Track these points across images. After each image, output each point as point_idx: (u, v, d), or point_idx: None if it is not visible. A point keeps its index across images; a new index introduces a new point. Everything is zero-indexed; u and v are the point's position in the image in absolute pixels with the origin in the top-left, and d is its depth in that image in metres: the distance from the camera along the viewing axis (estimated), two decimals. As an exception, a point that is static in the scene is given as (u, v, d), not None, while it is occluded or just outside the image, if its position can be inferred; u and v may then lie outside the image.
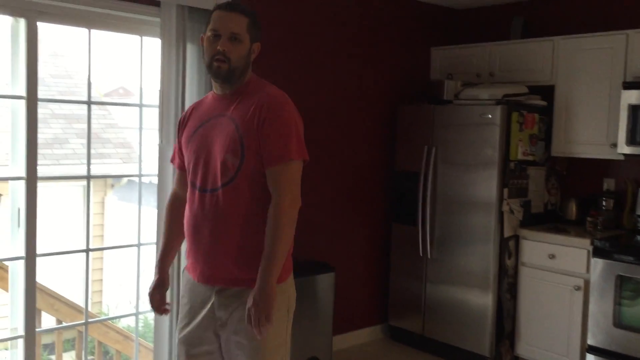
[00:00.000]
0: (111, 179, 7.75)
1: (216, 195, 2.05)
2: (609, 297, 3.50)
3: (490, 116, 3.88)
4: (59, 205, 6.91)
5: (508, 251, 3.95)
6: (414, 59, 4.67)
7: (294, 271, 2.20)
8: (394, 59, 4.54)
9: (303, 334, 3.76)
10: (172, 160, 2.36)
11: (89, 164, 3.37)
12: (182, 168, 2.27)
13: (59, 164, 6.87)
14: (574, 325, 3.70)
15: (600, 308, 3.55)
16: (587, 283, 3.64)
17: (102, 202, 7.53)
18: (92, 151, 3.44)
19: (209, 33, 2.08)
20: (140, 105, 3.50)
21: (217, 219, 2.05)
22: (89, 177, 3.42)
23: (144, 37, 3.41)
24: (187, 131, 2.20)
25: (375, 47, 4.41)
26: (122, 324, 5.82)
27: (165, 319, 3.38)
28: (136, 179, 3.91)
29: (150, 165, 3.59)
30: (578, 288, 3.67)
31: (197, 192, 2.10)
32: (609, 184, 4.13)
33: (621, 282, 3.47)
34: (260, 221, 2.03)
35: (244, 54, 2.07)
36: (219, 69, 2.05)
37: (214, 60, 2.05)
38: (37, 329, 3.24)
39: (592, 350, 3.58)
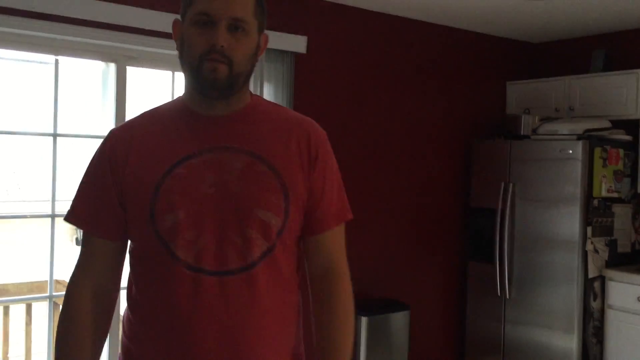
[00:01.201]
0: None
1: (247, 278, 1.28)
2: None
3: (571, 152, 3.75)
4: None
5: (593, 293, 3.76)
6: (489, 94, 4.61)
7: (367, 309, 1.86)
8: (469, 94, 4.49)
9: (377, 374, 3.71)
10: (84, 224, 1.36)
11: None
12: (112, 237, 1.34)
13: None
14: (669, 374, 3.47)
15: (698, 356, 3.32)
16: (682, 328, 3.42)
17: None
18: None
19: (194, 17, 1.27)
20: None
21: (253, 316, 1.28)
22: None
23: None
24: (141, 174, 1.30)
25: (449, 81, 4.39)
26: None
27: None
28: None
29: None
30: (672, 334, 3.45)
31: (200, 275, 1.27)
32: (703, 222, 3.90)
33: None
34: (300, 310, 1.42)
35: (250, 51, 1.30)
36: (215, 72, 1.25)
37: (205, 60, 1.25)
38: None
39: (690, 401, 3.35)
